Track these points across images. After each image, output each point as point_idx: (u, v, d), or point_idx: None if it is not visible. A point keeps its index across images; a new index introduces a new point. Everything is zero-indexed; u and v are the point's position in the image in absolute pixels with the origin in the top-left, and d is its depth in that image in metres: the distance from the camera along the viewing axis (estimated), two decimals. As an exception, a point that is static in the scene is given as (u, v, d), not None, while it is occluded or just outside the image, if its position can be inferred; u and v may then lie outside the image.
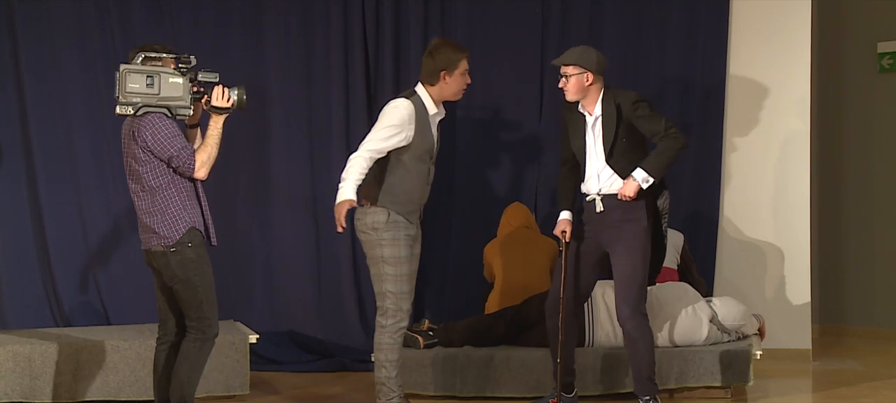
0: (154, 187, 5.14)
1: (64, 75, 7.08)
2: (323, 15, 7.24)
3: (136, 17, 7.10)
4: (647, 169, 5.47)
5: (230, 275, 7.21)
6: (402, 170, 5.57)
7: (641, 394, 5.66)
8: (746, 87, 7.30)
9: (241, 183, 7.30)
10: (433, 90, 5.61)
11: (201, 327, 5.22)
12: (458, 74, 5.59)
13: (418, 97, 5.60)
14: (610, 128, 5.52)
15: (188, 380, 5.23)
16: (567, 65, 5.55)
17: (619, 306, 5.58)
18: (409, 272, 5.62)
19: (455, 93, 5.62)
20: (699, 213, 7.26)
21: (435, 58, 5.58)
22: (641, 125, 5.51)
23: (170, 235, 5.14)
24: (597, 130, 5.58)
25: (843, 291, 8.26)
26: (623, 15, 7.25)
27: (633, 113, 5.50)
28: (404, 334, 5.83)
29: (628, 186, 5.49)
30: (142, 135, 5.10)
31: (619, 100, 5.53)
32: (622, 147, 5.53)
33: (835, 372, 6.97)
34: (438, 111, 5.65)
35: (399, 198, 5.59)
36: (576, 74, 5.54)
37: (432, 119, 5.63)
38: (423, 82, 5.62)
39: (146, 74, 5.09)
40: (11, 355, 6.12)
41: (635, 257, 5.55)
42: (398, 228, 5.59)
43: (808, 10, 7.25)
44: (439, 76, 5.57)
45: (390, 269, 5.58)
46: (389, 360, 5.63)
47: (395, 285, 5.59)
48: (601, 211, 5.59)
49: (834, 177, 8.24)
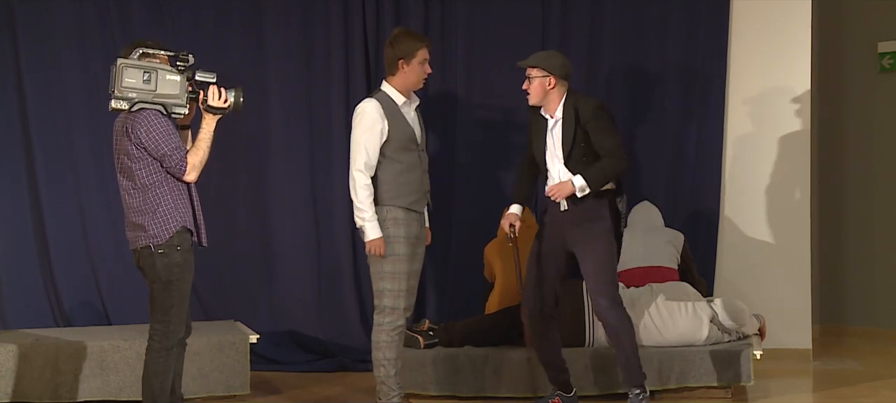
0: (146, 185, 5.08)
1: (64, 75, 7.08)
2: (323, 15, 7.23)
3: (137, 17, 7.09)
4: (587, 179, 5.54)
5: (230, 275, 7.21)
6: (389, 165, 5.61)
7: (632, 385, 5.68)
8: (747, 87, 7.30)
9: (241, 182, 7.29)
10: (395, 81, 5.68)
11: (165, 332, 5.14)
12: (415, 63, 5.64)
13: (382, 92, 5.68)
14: (568, 132, 5.58)
15: (161, 391, 5.16)
16: (532, 67, 5.62)
17: (596, 299, 5.62)
18: (407, 270, 5.62)
19: (416, 82, 5.69)
20: (699, 213, 7.26)
21: (393, 47, 5.67)
22: (594, 134, 5.56)
23: (159, 234, 5.08)
24: (556, 133, 5.63)
25: (843, 291, 8.25)
26: (623, 15, 7.25)
27: (589, 120, 5.56)
28: (404, 334, 5.84)
29: (562, 188, 5.55)
30: (136, 132, 5.03)
31: (579, 105, 5.59)
32: (580, 151, 5.58)
33: (835, 372, 6.97)
34: (408, 100, 5.70)
35: (399, 192, 5.62)
36: (539, 77, 5.61)
37: (403, 108, 5.68)
38: (387, 74, 5.70)
39: (143, 70, 5.03)
40: (12, 354, 6.12)
41: (603, 250, 5.60)
42: (398, 226, 5.60)
43: (808, 10, 7.25)
44: (398, 65, 5.65)
45: (389, 267, 5.59)
46: (387, 359, 5.64)
47: (393, 283, 5.60)
48: (566, 210, 5.63)
49: (834, 176, 8.23)
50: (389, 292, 5.61)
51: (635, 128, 7.26)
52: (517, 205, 5.79)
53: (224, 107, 5.15)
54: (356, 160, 5.57)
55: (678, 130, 7.26)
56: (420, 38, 5.71)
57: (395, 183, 5.61)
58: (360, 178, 5.56)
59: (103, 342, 6.25)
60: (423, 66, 5.67)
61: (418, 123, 5.75)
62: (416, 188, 5.67)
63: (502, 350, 6.30)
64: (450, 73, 7.28)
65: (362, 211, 5.57)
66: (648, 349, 6.21)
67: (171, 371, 5.19)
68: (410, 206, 5.63)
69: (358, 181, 5.56)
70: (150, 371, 5.15)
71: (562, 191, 5.57)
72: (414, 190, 5.65)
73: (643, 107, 7.26)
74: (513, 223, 5.74)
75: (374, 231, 5.56)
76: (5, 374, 6.09)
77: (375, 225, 5.55)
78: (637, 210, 6.95)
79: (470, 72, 7.28)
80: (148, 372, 5.16)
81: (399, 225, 5.60)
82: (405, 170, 5.63)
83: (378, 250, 5.56)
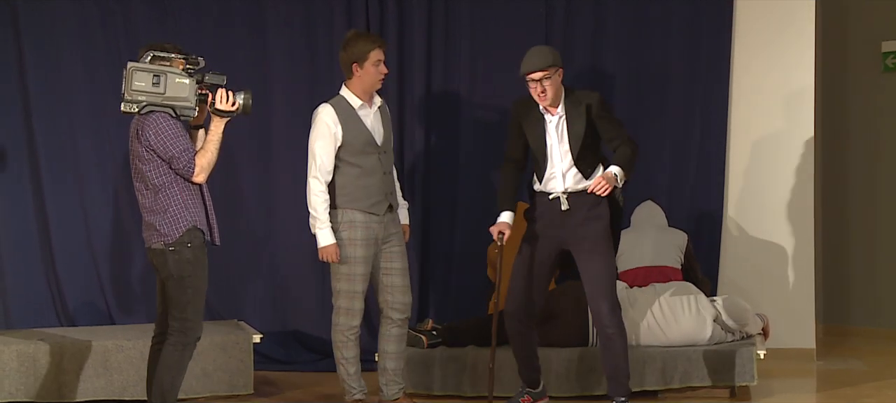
0: (157, 186, 5.15)
1: (67, 75, 7.08)
2: (326, 14, 7.23)
3: (140, 17, 7.10)
4: (623, 166, 5.48)
5: (234, 275, 7.22)
6: (347, 169, 5.68)
7: (618, 395, 5.61)
8: (750, 86, 7.29)
9: (245, 182, 7.30)
10: (352, 84, 5.72)
11: (183, 329, 5.19)
12: (369, 65, 5.68)
13: (340, 96, 5.73)
14: (578, 127, 5.51)
15: (171, 386, 5.21)
16: (546, 68, 5.45)
17: (598, 304, 5.53)
18: (363, 272, 5.71)
19: (372, 83, 5.71)
20: (703, 213, 7.25)
21: (346, 50, 5.72)
22: (604, 126, 5.52)
23: (170, 233, 5.14)
24: (561, 130, 5.56)
25: (847, 291, 8.25)
26: (626, 14, 7.24)
27: (599, 113, 5.51)
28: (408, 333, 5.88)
29: (606, 180, 5.44)
30: (145, 134, 5.11)
31: (586, 100, 5.53)
32: (588, 146, 5.54)
33: (838, 372, 6.96)
34: (365, 103, 5.72)
35: (355, 195, 5.69)
36: (553, 75, 5.49)
37: (360, 112, 5.71)
38: (345, 78, 5.74)
39: (152, 73, 5.09)
40: (15, 354, 6.13)
41: (605, 254, 5.54)
42: (354, 228, 5.68)
43: (811, 10, 7.24)
44: (351, 68, 5.69)
45: (344, 268, 5.70)
46: (345, 357, 5.77)
47: (348, 284, 5.71)
48: (566, 210, 5.57)
49: (838, 175, 8.22)
50: (345, 293, 5.72)
51: (638, 127, 7.21)
52: (508, 213, 5.67)
53: (232, 110, 5.20)
54: (310, 166, 5.67)
55: (681, 129, 7.26)
56: (373, 40, 5.74)
57: (353, 186, 5.69)
58: (314, 185, 5.66)
59: (107, 341, 6.26)
60: (377, 67, 5.70)
61: (380, 125, 5.78)
62: (376, 191, 5.72)
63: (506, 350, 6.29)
64: (453, 74, 7.27)
65: (314, 218, 5.67)
66: (652, 349, 6.21)
67: (184, 369, 5.24)
68: (369, 209, 5.69)
69: (312, 187, 5.66)
70: (163, 364, 5.20)
71: (606, 184, 5.44)
72: (373, 193, 5.71)
73: (646, 106, 7.26)
74: (503, 231, 5.65)
75: (325, 238, 5.65)
76: (9, 374, 6.10)
77: (327, 232, 5.64)
78: (641, 209, 6.94)
79: (473, 73, 7.28)
80: (160, 366, 5.21)
81: (356, 227, 5.68)
82: (363, 173, 5.69)
83: (329, 257, 5.66)
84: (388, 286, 5.82)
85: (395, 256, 5.80)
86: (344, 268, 5.69)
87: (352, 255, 5.68)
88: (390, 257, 5.79)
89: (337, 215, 5.69)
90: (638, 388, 6.11)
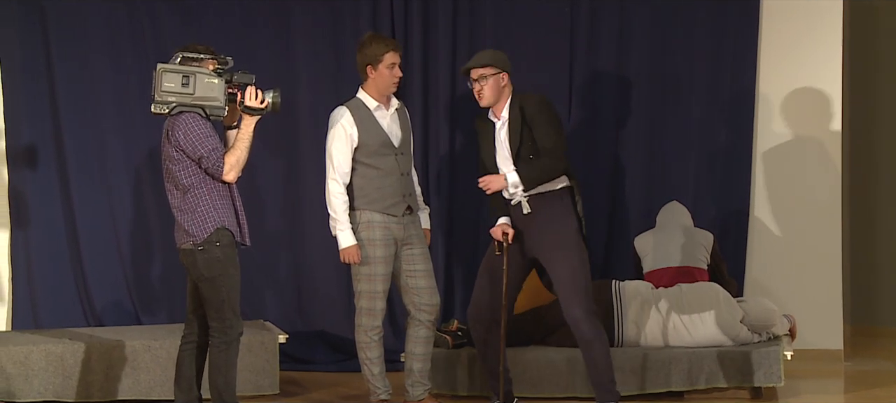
0: (186, 186, 5.19)
1: (95, 76, 7.13)
2: (352, 13, 7.24)
3: (167, 19, 7.13)
4: (521, 176, 5.41)
5: (260, 275, 7.24)
6: (364, 170, 5.72)
7: (605, 401, 5.52)
8: (777, 87, 7.25)
9: (271, 182, 7.32)
10: (367, 86, 5.77)
11: (222, 328, 5.24)
12: (383, 68, 5.71)
13: (356, 98, 5.78)
14: (515, 131, 5.47)
15: (225, 385, 5.27)
16: (484, 66, 5.48)
17: (570, 309, 5.43)
18: (383, 273, 5.72)
19: (387, 86, 5.74)
20: (729, 213, 7.22)
21: (361, 53, 5.75)
22: (536, 130, 5.42)
23: (198, 233, 5.17)
24: (503, 135, 5.54)
25: (875, 291, 8.20)
26: (652, 17, 7.20)
27: (534, 115, 5.43)
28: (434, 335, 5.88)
29: (494, 181, 5.45)
30: (175, 135, 5.15)
31: (524, 103, 5.46)
32: (527, 149, 5.44)
33: (867, 373, 6.92)
34: (381, 104, 5.75)
35: (372, 196, 5.72)
36: (492, 75, 5.49)
37: (376, 113, 5.73)
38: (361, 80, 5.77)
39: (182, 74, 5.14)
40: (44, 354, 6.17)
41: (573, 257, 5.44)
42: (372, 229, 5.71)
43: (839, 10, 7.20)
44: (366, 70, 5.73)
45: (364, 269, 5.72)
46: (369, 358, 5.79)
47: (369, 284, 5.73)
48: (528, 213, 5.53)
49: (866, 176, 8.17)
50: (365, 293, 5.74)
51: (665, 127, 7.22)
52: (504, 217, 5.64)
53: (261, 108, 5.23)
54: (328, 169, 5.72)
55: (708, 130, 7.22)
56: (387, 43, 5.76)
57: (371, 187, 5.71)
58: (333, 187, 5.71)
59: (134, 341, 6.29)
60: (391, 70, 5.72)
61: (398, 127, 5.79)
62: (393, 192, 5.74)
63: (531, 351, 6.30)
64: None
65: (334, 220, 5.71)
66: (678, 349, 6.20)
67: (234, 366, 5.29)
68: (387, 210, 5.70)
69: (331, 190, 5.71)
70: (212, 367, 5.28)
71: (493, 183, 5.45)
72: (391, 194, 5.73)
73: (672, 107, 7.23)
74: (506, 231, 5.61)
75: (346, 239, 5.69)
76: (38, 373, 6.15)
77: (348, 233, 5.69)
78: (666, 209, 6.91)
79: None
80: (211, 370, 5.29)
81: (374, 228, 5.70)
82: (380, 175, 5.72)
83: (351, 258, 5.70)
84: (413, 288, 5.83)
85: (418, 258, 5.81)
86: (364, 269, 5.71)
87: (371, 256, 5.71)
88: (412, 259, 5.80)
89: (355, 216, 5.72)
90: (664, 389, 6.11)
